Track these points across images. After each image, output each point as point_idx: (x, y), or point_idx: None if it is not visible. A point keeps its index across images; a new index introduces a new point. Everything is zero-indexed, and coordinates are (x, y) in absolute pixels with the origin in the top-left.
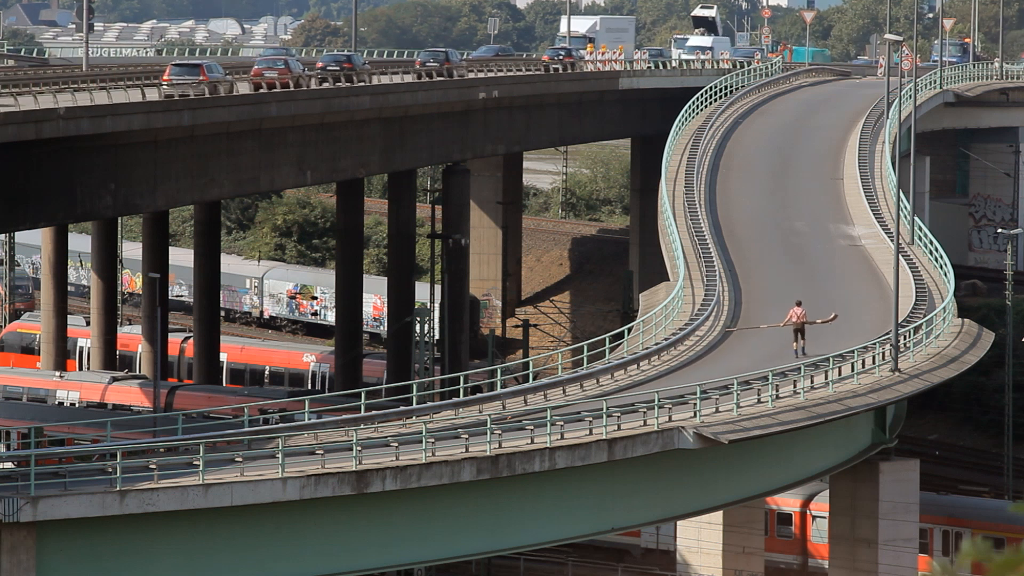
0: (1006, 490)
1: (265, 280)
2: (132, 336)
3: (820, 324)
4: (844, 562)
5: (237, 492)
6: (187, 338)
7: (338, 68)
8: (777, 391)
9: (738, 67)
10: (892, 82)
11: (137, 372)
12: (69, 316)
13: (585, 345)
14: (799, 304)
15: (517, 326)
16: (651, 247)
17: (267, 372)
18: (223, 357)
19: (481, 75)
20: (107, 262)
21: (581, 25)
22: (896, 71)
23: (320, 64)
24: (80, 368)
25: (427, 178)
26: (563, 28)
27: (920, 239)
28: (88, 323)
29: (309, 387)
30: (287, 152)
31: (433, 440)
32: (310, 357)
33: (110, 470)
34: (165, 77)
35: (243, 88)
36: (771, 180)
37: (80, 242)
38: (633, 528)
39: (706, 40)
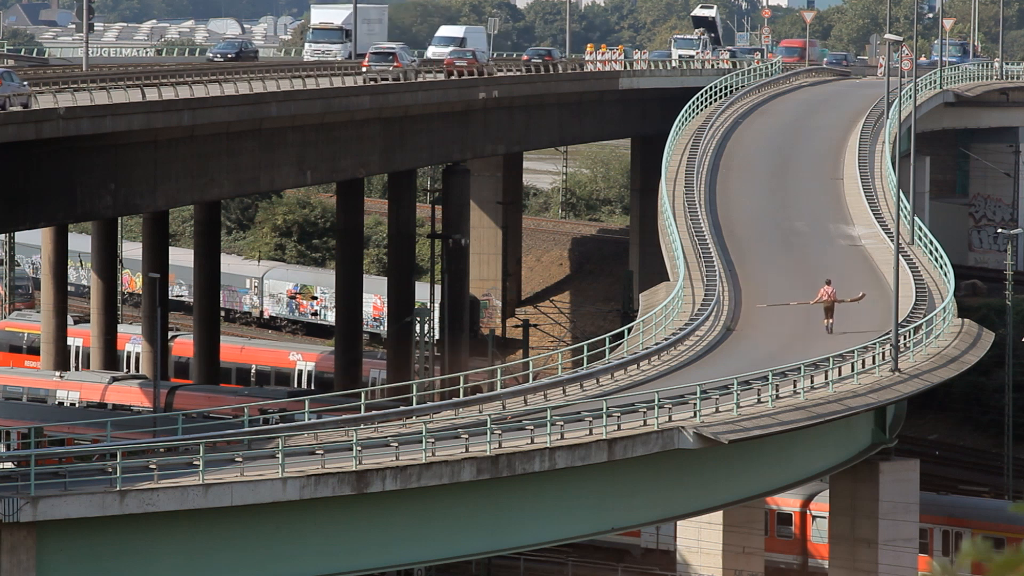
0: (1006, 490)
1: (265, 280)
2: (122, 335)
3: (849, 302)
4: (844, 562)
5: (237, 492)
6: (174, 336)
7: (540, 61)
8: (777, 391)
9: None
10: (892, 82)
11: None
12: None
13: (585, 345)
14: (828, 283)
15: (517, 326)
16: (651, 247)
17: (253, 371)
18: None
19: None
20: (107, 262)
21: (336, 16)
22: (896, 71)
23: (526, 57)
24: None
25: (427, 178)
26: (315, 19)
27: (920, 239)
28: (75, 322)
29: (295, 386)
30: (287, 152)
31: (433, 440)
32: (296, 356)
33: (110, 470)
34: (365, 64)
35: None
36: (771, 180)
37: (80, 242)
38: (633, 528)
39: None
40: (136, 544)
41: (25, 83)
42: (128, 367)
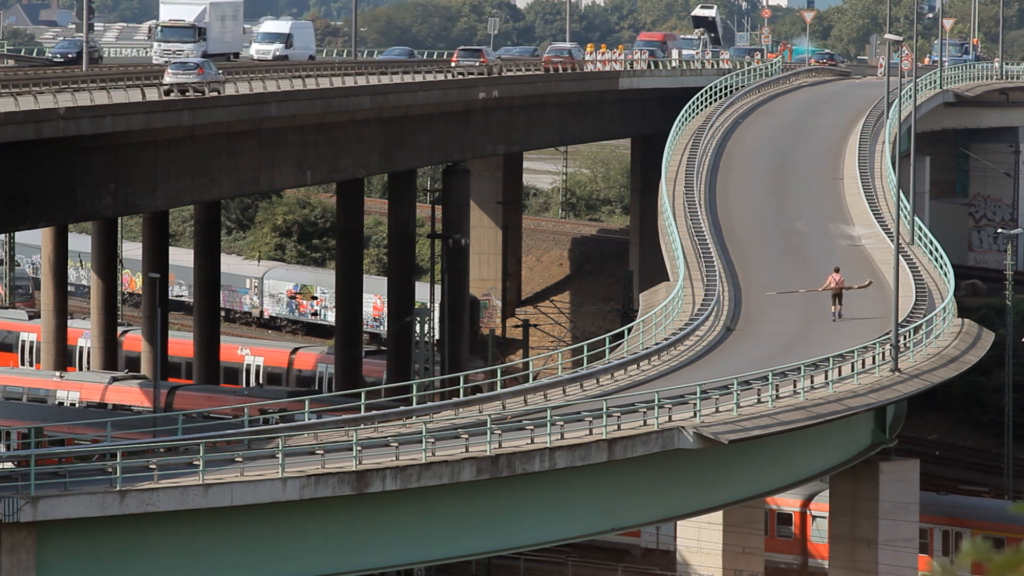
0: (1006, 490)
1: (265, 280)
2: (74, 331)
3: (856, 289)
4: (844, 562)
5: (237, 492)
6: (124, 331)
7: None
8: (777, 391)
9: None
10: (892, 82)
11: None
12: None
13: (585, 345)
14: (837, 270)
15: (517, 326)
16: (651, 247)
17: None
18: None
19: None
20: (107, 262)
21: (188, 12)
22: (896, 71)
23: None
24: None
25: (427, 178)
26: (163, 15)
27: (920, 239)
28: (29, 318)
29: (243, 381)
30: (287, 152)
31: (433, 440)
32: (245, 351)
33: (110, 470)
34: (454, 59)
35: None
36: (771, 180)
37: (80, 242)
38: (633, 528)
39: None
40: (136, 544)
41: (220, 71)
42: (79, 363)
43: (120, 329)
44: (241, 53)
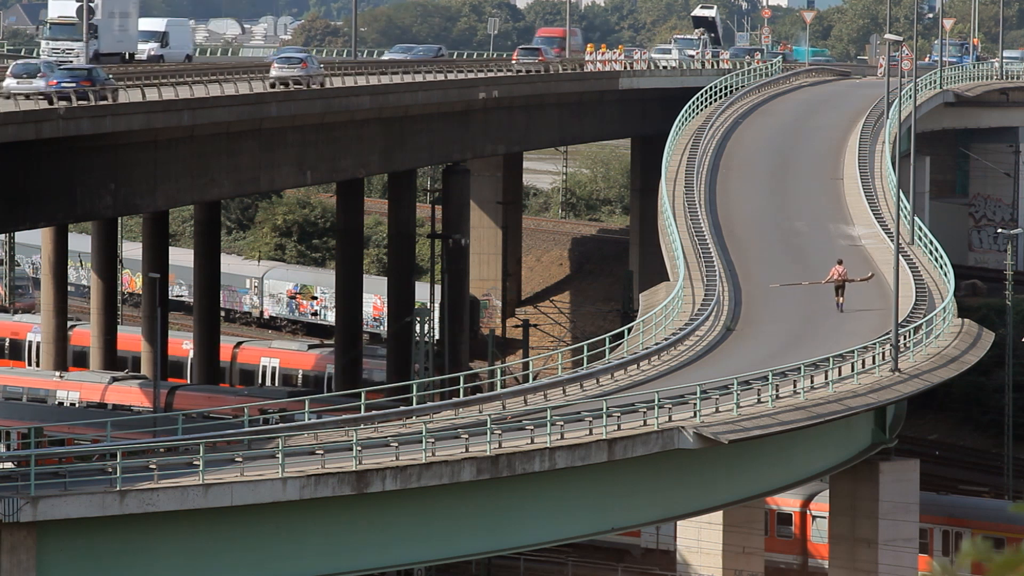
0: (1006, 490)
1: (265, 280)
2: (24, 325)
3: (859, 281)
4: (844, 562)
5: (237, 492)
6: (72, 326)
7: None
8: (777, 391)
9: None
10: (892, 82)
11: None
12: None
13: (585, 345)
14: (840, 263)
15: (517, 326)
16: (651, 247)
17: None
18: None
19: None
20: (107, 262)
21: (68, 8)
22: (896, 71)
23: (516, 57)
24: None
25: (427, 178)
26: (52, 12)
27: (920, 239)
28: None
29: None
30: (287, 152)
31: (433, 440)
32: (188, 345)
33: (110, 470)
34: (515, 56)
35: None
36: (771, 180)
37: (80, 242)
38: (633, 528)
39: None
40: (136, 544)
41: (321, 65)
42: (29, 359)
43: (69, 323)
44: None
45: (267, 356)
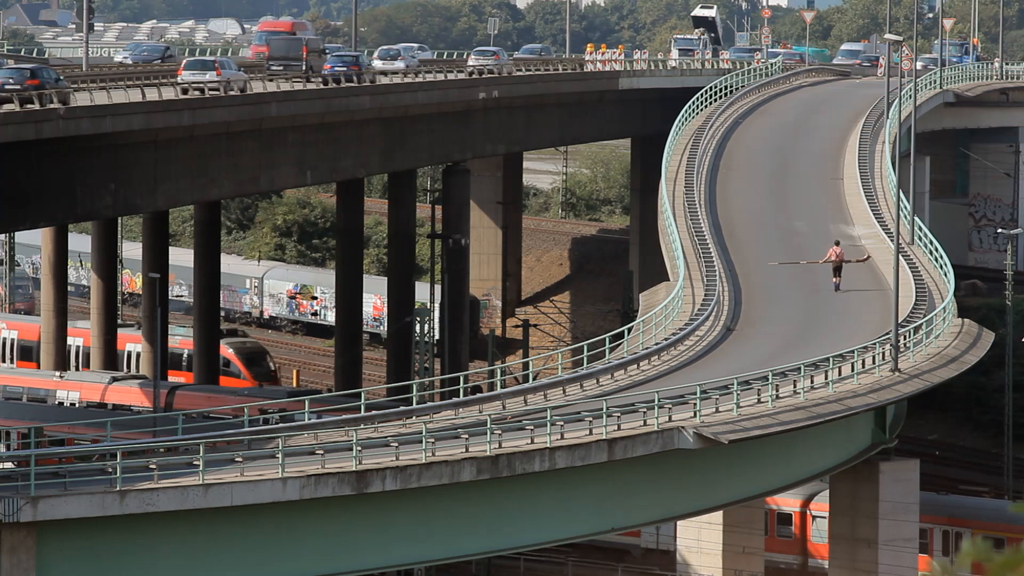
0: (1006, 490)
1: (265, 280)
2: None
3: (855, 262)
4: (844, 562)
5: (237, 492)
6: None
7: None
8: (777, 391)
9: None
10: (892, 82)
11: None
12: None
13: (585, 345)
14: (837, 243)
15: (517, 326)
16: (651, 247)
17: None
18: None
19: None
20: (107, 262)
21: None
22: (896, 71)
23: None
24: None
25: (427, 178)
26: None
27: (920, 239)
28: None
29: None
30: (287, 152)
31: (433, 440)
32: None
33: (110, 470)
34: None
35: None
36: (771, 180)
37: (80, 242)
38: (633, 528)
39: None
40: (136, 544)
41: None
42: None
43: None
44: None
45: (132, 342)
